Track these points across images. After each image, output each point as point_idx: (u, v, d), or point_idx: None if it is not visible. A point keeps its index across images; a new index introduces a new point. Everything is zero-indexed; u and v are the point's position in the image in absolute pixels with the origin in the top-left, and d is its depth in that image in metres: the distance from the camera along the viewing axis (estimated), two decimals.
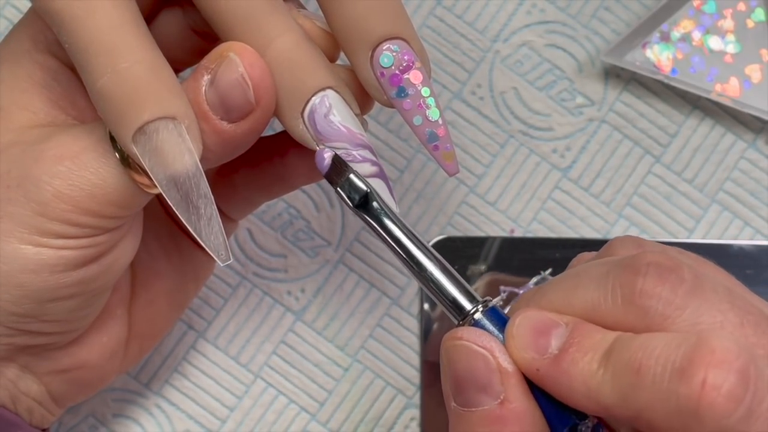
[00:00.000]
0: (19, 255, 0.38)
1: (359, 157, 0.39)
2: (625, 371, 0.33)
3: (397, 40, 0.39)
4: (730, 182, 0.53)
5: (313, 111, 0.38)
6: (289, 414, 0.52)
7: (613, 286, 0.34)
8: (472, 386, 0.35)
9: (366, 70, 0.39)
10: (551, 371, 0.34)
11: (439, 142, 0.40)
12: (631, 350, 0.33)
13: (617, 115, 0.53)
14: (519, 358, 0.35)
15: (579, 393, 0.34)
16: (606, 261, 0.36)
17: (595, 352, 0.34)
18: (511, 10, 0.53)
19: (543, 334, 0.35)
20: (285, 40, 0.38)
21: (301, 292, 0.52)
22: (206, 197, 0.37)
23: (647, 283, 0.33)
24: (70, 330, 0.42)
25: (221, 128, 0.38)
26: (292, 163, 0.44)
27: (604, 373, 0.33)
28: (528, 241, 0.52)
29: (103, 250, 0.40)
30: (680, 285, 0.33)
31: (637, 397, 0.32)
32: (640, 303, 0.33)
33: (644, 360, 0.32)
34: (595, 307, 0.34)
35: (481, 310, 0.37)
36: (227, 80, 0.37)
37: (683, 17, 0.52)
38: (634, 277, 0.34)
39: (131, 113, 0.36)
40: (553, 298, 0.36)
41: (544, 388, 0.35)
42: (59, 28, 0.37)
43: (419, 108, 0.39)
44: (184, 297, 0.47)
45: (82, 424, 0.51)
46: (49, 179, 0.38)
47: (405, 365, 0.52)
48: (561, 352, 0.34)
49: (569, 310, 0.35)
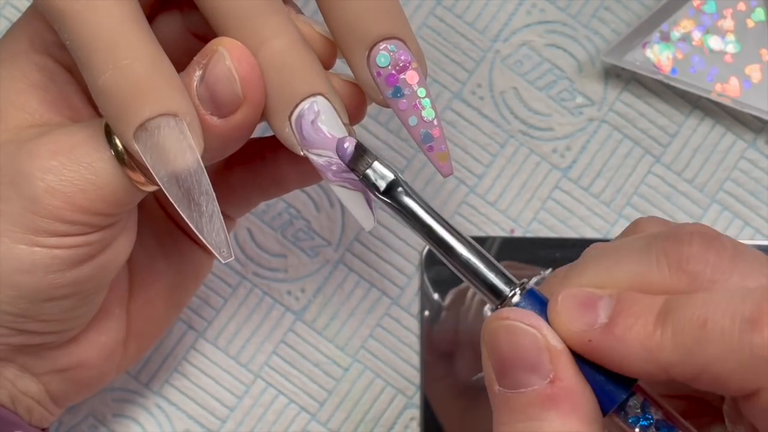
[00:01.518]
0: (13, 255, 0.38)
1: (342, 167, 0.39)
2: (688, 327, 0.33)
3: (394, 40, 0.39)
4: (730, 182, 0.53)
5: (301, 116, 0.38)
6: (289, 414, 0.51)
7: (658, 256, 0.34)
8: (520, 366, 0.34)
9: (363, 70, 0.39)
10: (605, 340, 0.34)
11: (434, 143, 0.40)
12: (693, 307, 0.33)
13: (617, 115, 0.53)
14: (568, 332, 0.34)
15: (637, 356, 0.33)
16: (644, 235, 0.35)
17: (649, 314, 0.33)
18: (511, 10, 0.53)
19: (589, 306, 0.34)
20: (279, 42, 0.38)
21: (301, 292, 0.52)
22: (208, 194, 0.37)
23: (694, 249, 0.34)
24: (67, 329, 0.42)
25: (211, 123, 0.38)
26: (284, 166, 0.44)
27: (663, 333, 0.33)
28: (528, 241, 0.52)
29: (96, 249, 0.40)
30: (724, 251, 0.34)
31: (703, 351, 0.32)
32: (688, 269, 0.33)
33: (710, 314, 0.32)
34: (641, 277, 0.34)
35: (519, 292, 0.36)
36: (215, 74, 0.37)
37: (683, 17, 0.52)
38: (680, 246, 0.34)
39: (132, 110, 0.36)
40: (592, 275, 0.35)
41: (598, 359, 0.34)
42: (60, 24, 0.37)
43: (415, 108, 0.39)
44: (182, 296, 0.47)
45: (82, 424, 0.51)
46: (41, 174, 0.38)
47: (405, 365, 0.52)
48: (611, 320, 0.34)
49: (613, 284, 0.34)
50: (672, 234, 0.34)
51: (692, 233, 0.34)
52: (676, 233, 0.34)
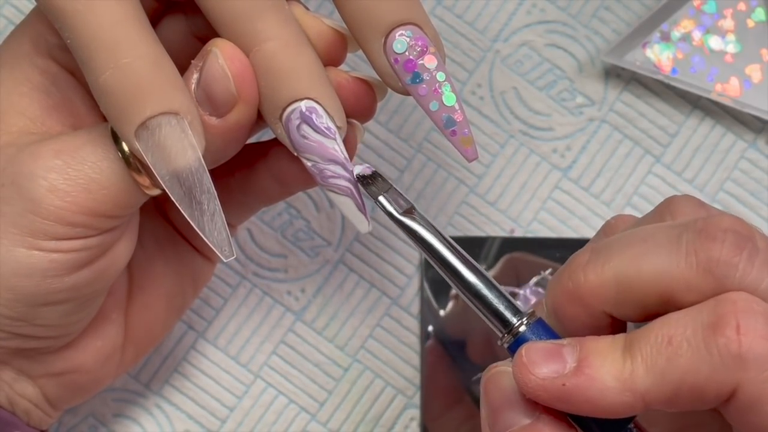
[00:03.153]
0: (11, 258, 0.38)
1: (328, 172, 0.39)
2: (655, 349, 0.33)
3: (409, 25, 0.39)
4: (731, 182, 0.53)
5: (288, 120, 0.38)
6: (289, 414, 0.51)
7: (688, 252, 0.33)
8: (507, 407, 0.35)
9: (380, 57, 0.39)
10: (578, 380, 0.33)
11: (457, 128, 0.39)
12: (655, 330, 0.33)
13: (617, 114, 0.53)
14: (540, 383, 0.34)
15: (614, 390, 0.33)
16: (676, 225, 0.34)
17: (615, 351, 0.33)
18: (511, 10, 0.53)
19: (555, 355, 0.34)
20: (269, 45, 0.38)
21: (301, 292, 0.52)
22: (209, 193, 0.37)
23: (725, 251, 0.33)
24: (64, 334, 0.42)
25: (209, 123, 0.38)
26: (287, 167, 0.43)
27: (633, 361, 0.33)
28: (528, 241, 0.52)
29: (96, 254, 0.39)
30: (756, 255, 0.33)
31: (675, 367, 0.32)
32: (717, 272, 0.33)
33: (672, 331, 0.32)
34: (668, 272, 0.34)
35: (525, 322, 0.36)
36: (210, 74, 0.38)
37: (683, 17, 0.52)
38: (712, 244, 0.33)
39: (133, 109, 0.36)
40: (619, 265, 0.34)
41: (574, 404, 0.34)
42: (61, 23, 0.37)
43: (435, 93, 0.39)
44: (181, 301, 0.47)
45: (82, 424, 0.51)
46: (44, 173, 0.38)
47: (405, 365, 0.52)
48: (580, 363, 0.34)
49: (638, 278, 0.34)
50: (705, 229, 0.34)
51: (726, 231, 0.33)
52: (708, 229, 0.33)
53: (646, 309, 0.34)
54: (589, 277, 0.35)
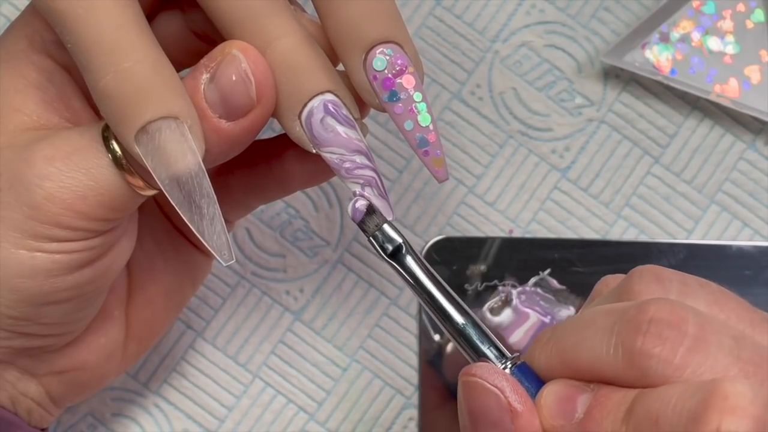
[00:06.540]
0: (13, 260, 0.38)
1: (355, 163, 0.39)
2: (644, 424, 0.33)
3: (390, 44, 0.39)
4: (729, 183, 0.53)
5: (310, 114, 0.38)
6: (288, 414, 0.51)
7: (616, 342, 0.34)
8: (486, 422, 0.36)
9: (359, 73, 0.39)
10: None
11: (430, 148, 0.40)
12: (651, 402, 0.33)
13: (616, 115, 0.53)
14: (549, 426, 0.35)
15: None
16: (614, 309, 0.35)
17: (618, 411, 0.34)
18: (511, 11, 0.53)
19: (569, 401, 0.35)
20: (286, 41, 0.38)
21: (299, 292, 0.52)
22: (209, 197, 0.37)
23: (646, 342, 0.33)
24: (67, 332, 0.42)
25: (219, 126, 0.38)
26: (291, 166, 0.43)
27: (627, 429, 0.33)
28: (527, 242, 0.52)
29: (97, 254, 0.40)
30: (681, 343, 0.33)
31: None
32: (639, 363, 0.33)
33: (661, 410, 0.32)
34: (599, 361, 0.34)
35: (509, 366, 0.37)
36: (229, 77, 0.37)
37: (682, 18, 0.52)
38: (635, 336, 0.33)
39: (133, 113, 0.36)
40: (564, 346, 0.36)
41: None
42: (61, 27, 0.37)
43: (410, 113, 0.39)
44: (181, 298, 0.47)
45: (81, 423, 0.51)
46: (39, 181, 0.38)
47: (403, 365, 0.52)
48: (586, 415, 0.34)
49: (576, 363, 0.35)
50: (632, 319, 0.34)
51: (651, 321, 0.33)
52: (635, 319, 0.34)
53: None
54: (541, 357, 0.36)
